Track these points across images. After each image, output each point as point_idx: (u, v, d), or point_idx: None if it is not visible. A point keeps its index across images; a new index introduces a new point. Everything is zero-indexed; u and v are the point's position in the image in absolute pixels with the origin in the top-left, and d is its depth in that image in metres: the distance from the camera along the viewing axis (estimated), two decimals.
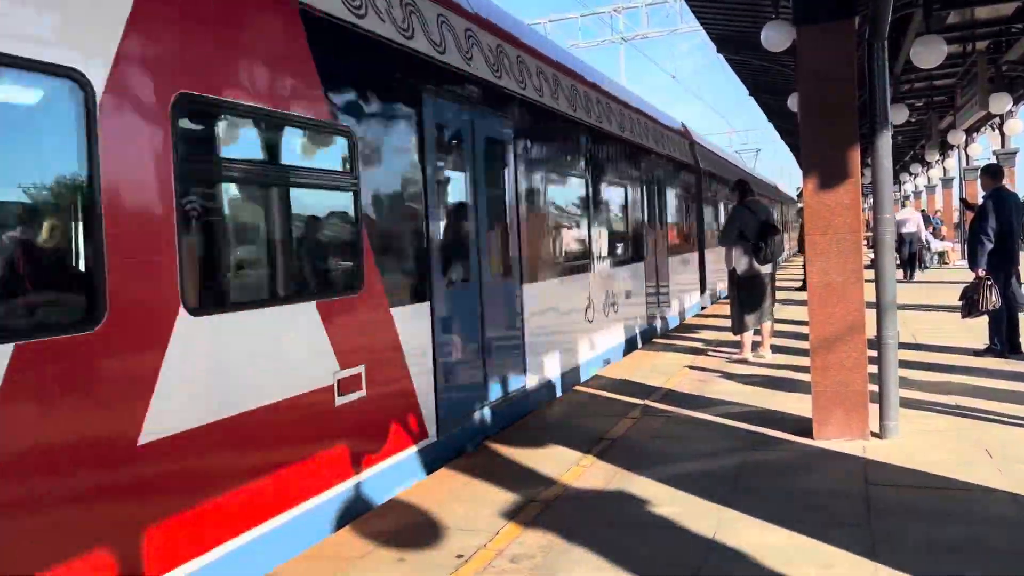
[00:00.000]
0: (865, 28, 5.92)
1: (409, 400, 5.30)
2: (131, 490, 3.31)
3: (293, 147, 4.59)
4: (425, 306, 5.47)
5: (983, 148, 24.10)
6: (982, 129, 22.21)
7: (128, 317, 3.30)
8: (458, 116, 6.23)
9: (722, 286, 15.96)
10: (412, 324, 5.30)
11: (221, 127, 4.05)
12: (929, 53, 10.15)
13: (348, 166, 4.81)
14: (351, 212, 4.80)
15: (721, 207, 18.45)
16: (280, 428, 4.14)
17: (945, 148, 24.02)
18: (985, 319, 8.51)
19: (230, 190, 4.11)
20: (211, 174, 3.90)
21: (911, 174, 33.93)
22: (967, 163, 24.20)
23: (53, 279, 3.24)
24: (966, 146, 22.82)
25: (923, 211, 28.57)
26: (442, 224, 5.90)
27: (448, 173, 6.15)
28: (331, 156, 4.86)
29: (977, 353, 8.65)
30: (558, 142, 8.44)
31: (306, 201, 4.66)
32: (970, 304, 8.10)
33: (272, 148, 4.40)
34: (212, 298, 3.89)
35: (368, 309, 4.89)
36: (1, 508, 2.84)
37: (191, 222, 3.71)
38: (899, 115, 15.05)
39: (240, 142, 4.25)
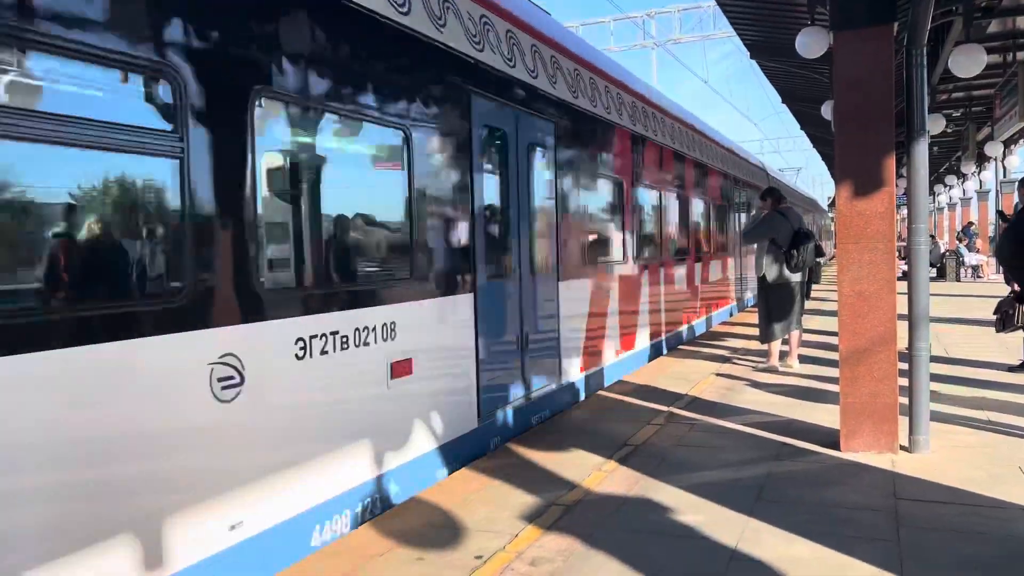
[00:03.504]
0: (903, 35, 5.82)
1: None
2: None
3: None
4: None
5: (1021, 160, 23.64)
6: (1021, 141, 21.78)
7: None
8: None
9: None
10: None
11: None
12: (969, 62, 9.95)
13: None
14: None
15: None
16: None
17: (982, 160, 23.58)
18: (1020, 334, 8.34)
19: None
20: None
21: (946, 186, 33.38)
22: (1004, 175, 23.74)
23: None
24: (1004, 158, 22.39)
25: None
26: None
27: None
28: None
29: (1011, 369, 8.48)
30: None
31: None
32: (1005, 319, 7.94)
33: None
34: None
35: None
36: None
37: None
38: (936, 125, 14.79)
39: None
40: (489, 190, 6.20)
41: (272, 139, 4.13)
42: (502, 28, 6.37)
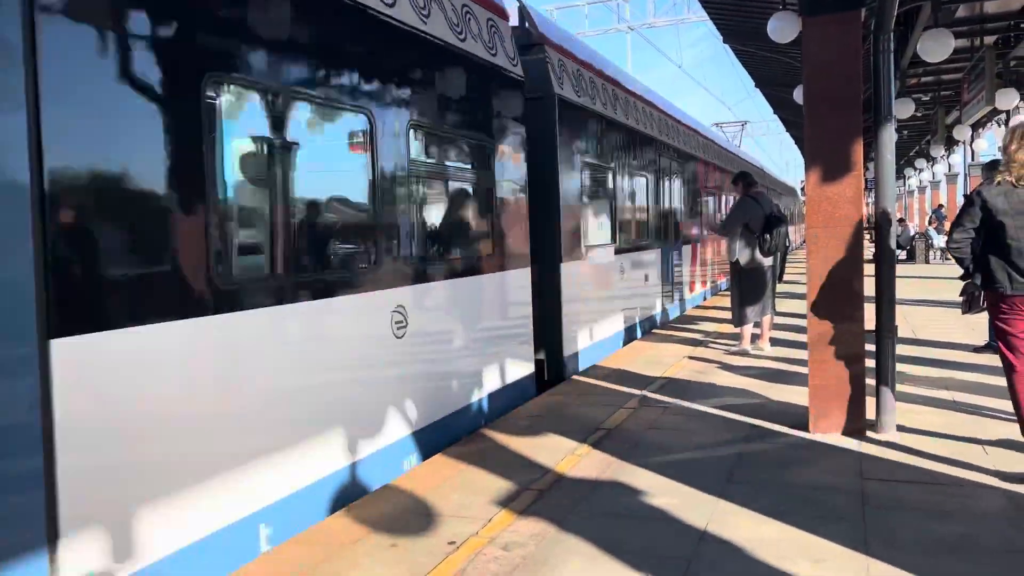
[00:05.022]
0: (872, 20, 5.87)
1: None
2: None
3: None
4: None
5: (988, 144, 24.00)
6: (988, 125, 22.08)
7: None
8: None
9: None
10: None
11: None
12: (937, 47, 10.07)
13: None
14: None
15: None
16: None
17: (951, 144, 23.90)
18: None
19: None
20: None
21: (916, 169, 33.77)
22: (972, 159, 24.08)
23: None
24: (972, 142, 22.70)
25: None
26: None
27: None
28: None
29: (976, 349, 8.63)
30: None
31: None
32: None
33: None
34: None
35: None
36: None
37: None
38: (905, 109, 14.95)
39: None
40: None
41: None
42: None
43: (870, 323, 5.63)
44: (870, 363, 5.65)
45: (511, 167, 7.08)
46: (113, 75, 3.28)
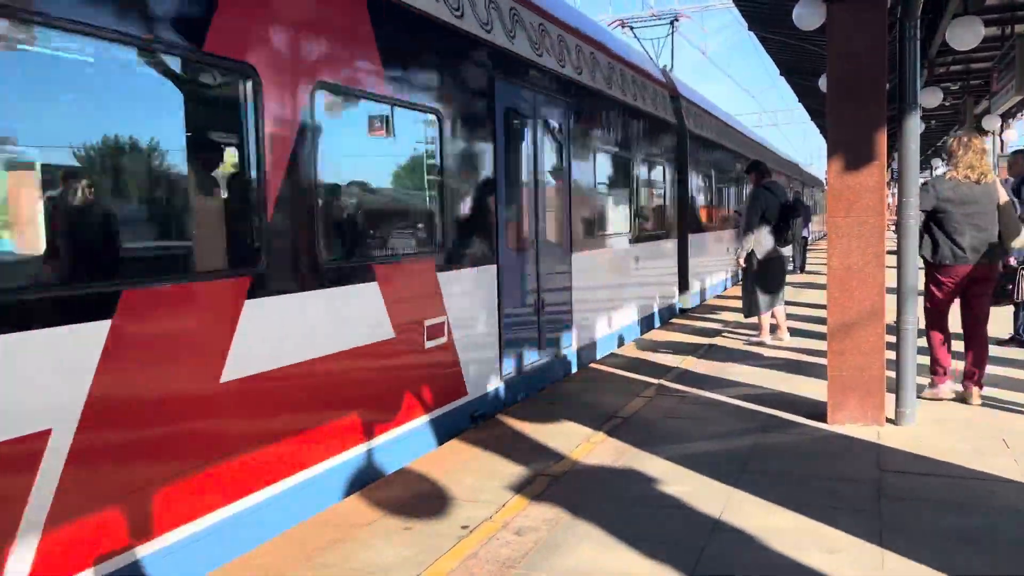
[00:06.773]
0: (898, 7, 5.77)
1: None
2: None
3: None
4: None
5: (1019, 135, 23.58)
6: (1018, 115, 21.69)
7: None
8: None
9: None
10: None
11: None
12: (966, 34, 9.88)
13: None
14: None
15: None
16: None
17: (980, 134, 23.51)
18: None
19: None
20: None
21: (943, 160, 33.30)
22: (1002, 149, 23.67)
23: None
24: (1001, 132, 22.30)
25: None
26: None
27: None
28: None
29: (1000, 342, 8.49)
30: None
31: None
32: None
33: None
34: None
35: None
36: None
37: None
38: (933, 98, 14.72)
39: None
40: None
41: None
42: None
43: (891, 314, 5.58)
44: (890, 355, 5.59)
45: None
46: None
